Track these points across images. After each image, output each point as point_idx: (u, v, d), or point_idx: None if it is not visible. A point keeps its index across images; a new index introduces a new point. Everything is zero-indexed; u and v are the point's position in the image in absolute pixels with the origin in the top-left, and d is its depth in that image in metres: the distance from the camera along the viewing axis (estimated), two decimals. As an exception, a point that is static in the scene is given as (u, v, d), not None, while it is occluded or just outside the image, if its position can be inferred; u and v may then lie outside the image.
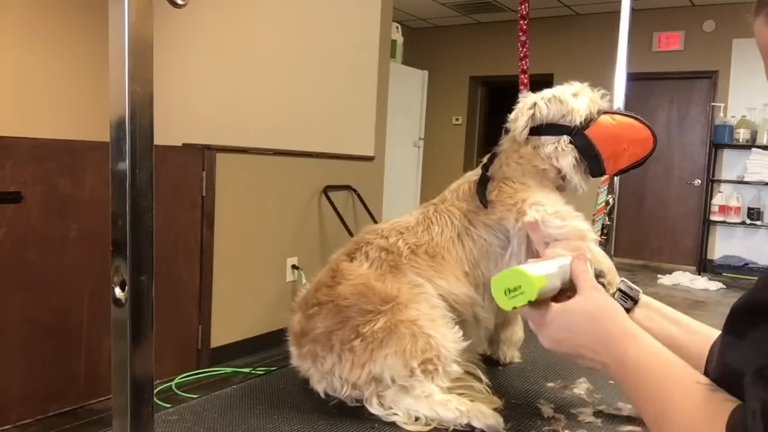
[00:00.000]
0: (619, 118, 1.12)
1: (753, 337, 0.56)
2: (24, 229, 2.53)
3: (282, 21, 4.18)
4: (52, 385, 2.65)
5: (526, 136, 1.12)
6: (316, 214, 3.97)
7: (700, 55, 7.10)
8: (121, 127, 0.59)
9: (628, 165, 1.12)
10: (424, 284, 1.05)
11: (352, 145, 4.24)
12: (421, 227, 1.12)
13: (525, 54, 2.03)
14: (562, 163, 1.10)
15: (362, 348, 0.97)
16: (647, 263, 7.46)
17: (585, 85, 1.15)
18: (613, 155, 1.10)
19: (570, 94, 1.12)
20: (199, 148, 3.27)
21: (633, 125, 1.11)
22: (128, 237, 0.60)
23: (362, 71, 4.31)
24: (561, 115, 1.11)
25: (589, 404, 1.06)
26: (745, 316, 0.59)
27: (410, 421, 0.96)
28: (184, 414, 1.00)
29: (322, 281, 1.09)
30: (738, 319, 0.60)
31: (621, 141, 1.10)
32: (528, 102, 1.13)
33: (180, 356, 3.23)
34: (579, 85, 1.15)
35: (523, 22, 2.04)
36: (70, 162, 2.68)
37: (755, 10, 0.62)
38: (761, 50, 0.62)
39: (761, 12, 0.61)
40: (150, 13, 0.60)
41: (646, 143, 1.10)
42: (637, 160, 1.11)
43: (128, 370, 0.61)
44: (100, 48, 4.16)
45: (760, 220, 6.73)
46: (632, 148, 1.10)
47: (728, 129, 6.78)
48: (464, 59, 8.60)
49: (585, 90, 1.14)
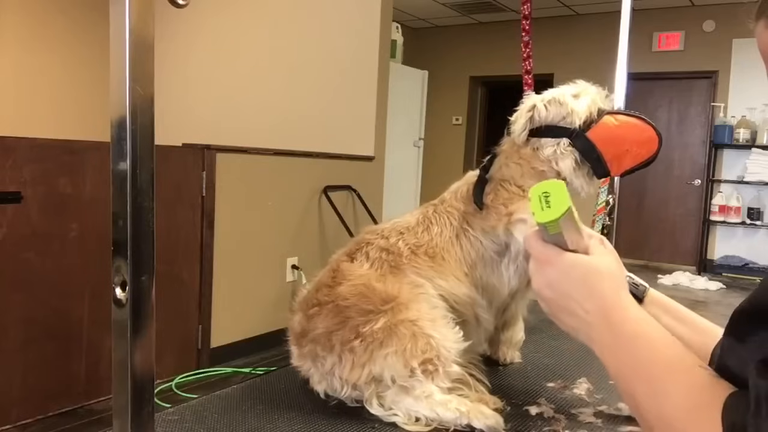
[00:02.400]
0: (622, 118, 1.10)
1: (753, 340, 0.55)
2: (24, 229, 2.53)
3: (282, 21, 4.18)
4: (52, 385, 2.65)
5: (526, 138, 1.11)
6: (316, 214, 3.97)
7: (700, 55, 7.10)
8: (122, 127, 0.59)
9: (632, 166, 1.10)
10: (424, 284, 1.04)
11: (352, 145, 4.24)
12: (421, 228, 1.12)
13: (528, 54, 2.03)
14: (562, 165, 1.09)
15: (362, 348, 0.97)
16: (647, 263, 7.46)
17: (589, 84, 1.13)
18: (617, 156, 1.08)
19: (571, 95, 1.10)
20: (199, 148, 3.27)
21: (636, 125, 1.09)
22: (129, 237, 0.60)
23: (362, 71, 4.31)
24: (561, 117, 1.09)
25: (589, 404, 1.06)
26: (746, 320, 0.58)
27: (410, 421, 0.96)
28: (184, 414, 1.00)
29: (322, 281, 1.09)
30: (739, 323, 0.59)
31: (624, 142, 1.08)
32: (527, 104, 1.12)
33: (180, 356, 3.23)
34: (583, 84, 1.12)
35: (525, 22, 2.04)
36: (70, 162, 2.68)
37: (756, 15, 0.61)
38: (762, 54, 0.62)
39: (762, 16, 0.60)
40: (151, 13, 0.60)
41: (651, 144, 1.08)
42: (641, 161, 1.09)
43: (128, 370, 0.61)
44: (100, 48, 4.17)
45: (760, 220, 6.73)
46: (636, 149, 1.08)
47: (728, 129, 6.78)
48: (464, 59, 8.60)
49: (587, 90, 1.12)
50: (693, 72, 7.19)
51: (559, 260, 0.69)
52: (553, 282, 0.69)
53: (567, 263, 0.68)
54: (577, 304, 0.67)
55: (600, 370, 1.21)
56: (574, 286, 0.68)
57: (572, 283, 0.68)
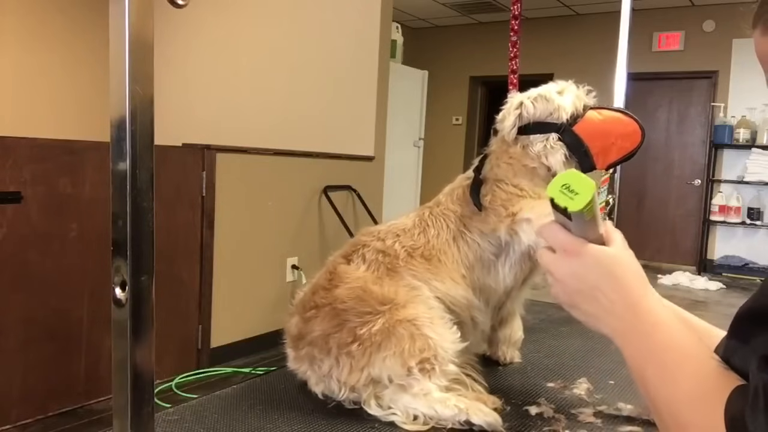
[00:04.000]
0: (605, 113, 1.13)
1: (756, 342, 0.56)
2: (24, 229, 2.53)
3: (282, 21, 4.18)
4: (52, 385, 2.65)
5: (515, 136, 1.12)
6: (316, 214, 3.97)
7: (700, 55, 7.10)
8: (122, 127, 0.59)
9: (617, 159, 1.12)
10: (421, 287, 1.05)
11: (352, 145, 4.24)
12: (417, 230, 1.12)
13: (515, 54, 2.04)
14: (552, 160, 1.10)
15: (360, 352, 0.97)
16: (647, 263, 7.46)
17: (570, 82, 1.15)
18: (603, 150, 1.11)
19: (555, 92, 1.13)
20: (199, 148, 3.27)
21: (620, 119, 1.12)
22: (128, 237, 0.60)
23: (362, 71, 4.31)
24: (548, 113, 1.11)
25: (589, 404, 1.06)
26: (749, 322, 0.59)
27: (408, 420, 0.96)
28: (184, 414, 1.00)
29: (319, 284, 1.09)
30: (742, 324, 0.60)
31: (609, 135, 1.10)
32: (514, 102, 1.14)
33: (180, 356, 3.23)
34: (563, 82, 1.15)
35: (514, 22, 2.04)
36: (70, 162, 2.68)
37: (753, 22, 0.62)
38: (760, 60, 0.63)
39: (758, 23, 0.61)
40: (150, 13, 0.60)
41: (635, 136, 1.10)
42: (626, 154, 1.11)
43: (128, 370, 0.61)
44: (100, 48, 4.17)
45: (760, 220, 6.73)
46: (620, 142, 1.10)
47: (728, 129, 6.78)
48: (464, 59, 8.60)
49: (570, 87, 1.14)
50: (693, 72, 7.19)
51: (586, 251, 0.70)
52: (579, 272, 0.71)
53: (595, 255, 0.70)
54: (602, 293, 0.69)
55: (600, 371, 1.21)
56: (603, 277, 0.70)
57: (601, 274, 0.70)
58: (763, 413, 0.51)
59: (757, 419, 0.51)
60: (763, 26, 0.61)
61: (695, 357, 0.61)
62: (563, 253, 0.72)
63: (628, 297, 0.68)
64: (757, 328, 0.57)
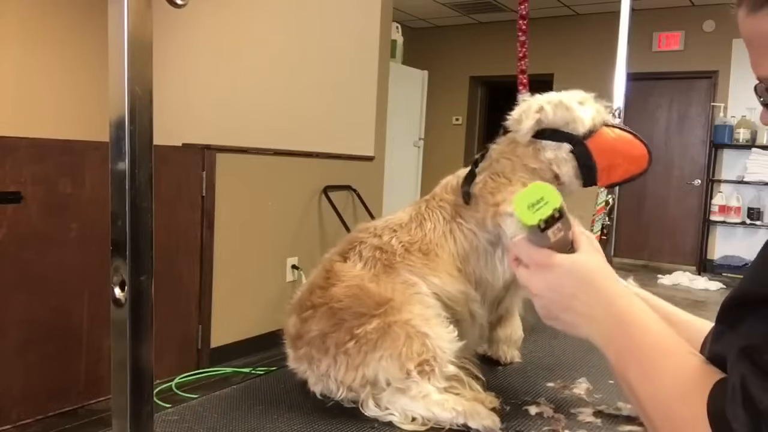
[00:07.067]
0: (618, 132, 1.11)
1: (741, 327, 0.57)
2: (24, 229, 2.53)
3: (282, 21, 4.18)
4: (52, 385, 2.65)
5: (529, 139, 1.11)
6: (316, 214, 3.97)
7: (700, 55, 7.10)
8: (121, 127, 0.59)
9: (620, 180, 1.12)
10: (418, 283, 1.04)
11: (352, 145, 4.24)
12: (414, 224, 1.11)
13: (524, 54, 2.03)
14: (563, 170, 1.09)
15: (356, 350, 0.97)
16: (647, 263, 7.46)
17: (591, 95, 1.13)
18: (608, 168, 1.09)
19: (576, 101, 1.10)
20: (199, 148, 3.27)
21: (632, 141, 1.10)
22: (128, 237, 0.60)
23: (362, 71, 4.31)
24: (565, 122, 1.09)
25: (589, 404, 1.06)
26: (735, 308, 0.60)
27: (406, 420, 0.96)
28: (184, 414, 1.00)
29: (315, 283, 1.08)
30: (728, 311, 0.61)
31: (617, 155, 1.09)
32: (535, 105, 1.11)
33: (180, 356, 3.23)
34: (584, 94, 1.12)
35: (522, 22, 2.04)
36: (70, 162, 2.68)
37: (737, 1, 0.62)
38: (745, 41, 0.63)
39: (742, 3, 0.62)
40: (149, 13, 0.60)
41: (641, 161, 1.09)
42: (629, 177, 1.10)
43: (128, 370, 0.61)
44: (99, 48, 4.17)
45: (760, 220, 6.73)
46: (627, 164, 1.09)
47: (728, 129, 6.78)
48: (464, 59, 8.60)
49: (591, 100, 1.12)
50: (693, 72, 7.19)
51: (557, 262, 0.72)
52: (553, 284, 0.73)
53: (567, 265, 0.72)
54: (579, 301, 0.71)
55: (600, 370, 1.21)
56: (579, 285, 0.71)
57: (576, 283, 0.72)
58: (742, 408, 0.52)
59: (737, 415, 0.52)
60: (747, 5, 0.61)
61: (675, 354, 0.62)
62: (536, 268, 0.74)
63: (603, 300, 0.70)
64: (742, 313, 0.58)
